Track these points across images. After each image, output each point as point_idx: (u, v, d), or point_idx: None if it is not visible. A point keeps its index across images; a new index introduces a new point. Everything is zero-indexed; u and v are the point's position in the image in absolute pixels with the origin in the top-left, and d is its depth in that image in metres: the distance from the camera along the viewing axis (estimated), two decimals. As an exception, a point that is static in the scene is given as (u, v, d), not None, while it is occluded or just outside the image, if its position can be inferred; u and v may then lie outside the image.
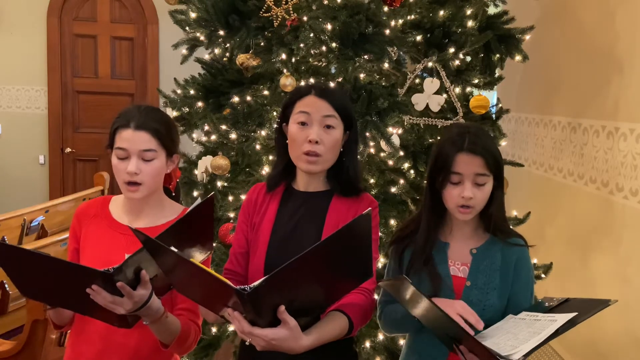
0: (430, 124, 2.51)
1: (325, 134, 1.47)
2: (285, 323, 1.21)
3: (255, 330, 1.20)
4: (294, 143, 1.48)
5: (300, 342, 1.24)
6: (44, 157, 5.62)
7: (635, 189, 2.95)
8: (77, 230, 1.58)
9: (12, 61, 5.49)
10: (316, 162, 1.47)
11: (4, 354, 2.48)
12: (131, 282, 1.30)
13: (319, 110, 1.47)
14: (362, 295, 1.43)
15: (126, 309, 1.30)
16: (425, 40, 2.51)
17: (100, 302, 1.29)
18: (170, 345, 1.47)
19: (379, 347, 2.38)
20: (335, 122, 1.48)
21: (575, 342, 3.39)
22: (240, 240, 1.57)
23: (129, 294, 1.28)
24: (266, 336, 1.20)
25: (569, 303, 1.41)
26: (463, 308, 1.36)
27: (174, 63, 3.24)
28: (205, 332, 2.48)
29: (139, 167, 1.47)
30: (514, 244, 1.54)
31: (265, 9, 2.43)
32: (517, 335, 1.31)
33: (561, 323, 1.29)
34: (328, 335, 1.33)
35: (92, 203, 1.63)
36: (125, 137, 1.47)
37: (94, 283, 1.27)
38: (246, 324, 1.20)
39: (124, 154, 1.47)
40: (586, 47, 3.51)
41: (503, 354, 1.23)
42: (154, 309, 1.36)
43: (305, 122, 1.47)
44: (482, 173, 1.45)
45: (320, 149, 1.46)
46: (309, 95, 1.50)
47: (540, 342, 1.25)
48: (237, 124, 2.55)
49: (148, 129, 1.48)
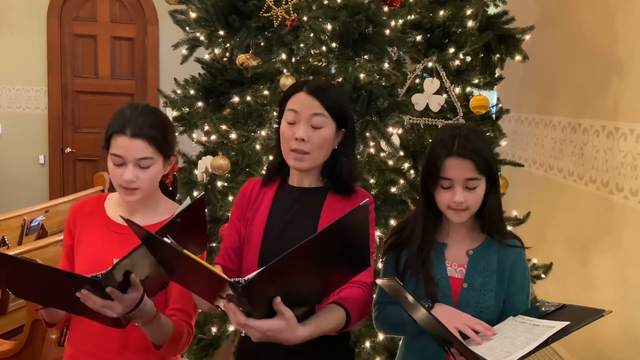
0: (430, 124, 2.51)
1: (313, 132, 1.46)
2: (281, 314, 1.19)
3: (250, 322, 1.18)
4: (283, 141, 1.49)
5: (297, 332, 1.22)
6: (44, 157, 5.62)
7: (635, 189, 2.95)
8: (72, 227, 1.58)
9: (12, 61, 5.49)
10: (303, 159, 1.47)
11: (4, 354, 2.48)
12: (121, 285, 1.29)
13: (307, 108, 1.46)
14: (360, 289, 1.42)
15: (117, 312, 1.29)
16: (425, 40, 2.51)
17: (92, 306, 1.28)
18: (162, 347, 1.46)
19: (379, 347, 2.38)
20: (324, 120, 1.46)
21: (575, 342, 3.39)
22: (233, 236, 1.57)
23: (120, 298, 1.28)
24: (262, 327, 1.18)
25: (565, 310, 1.39)
26: (470, 321, 1.36)
27: (174, 63, 3.24)
28: (205, 332, 2.48)
29: (135, 174, 1.46)
30: (511, 245, 1.53)
31: (265, 9, 2.43)
32: (514, 341, 1.30)
33: (555, 331, 1.28)
34: (325, 326, 1.31)
35: (87, 200, 1.62)
36: (121, 145, 1.45)
37: (83, 288, 1.26)
38: (241, 315, 1.18)
39: (120, 161, 1.46)
40: (586, 47, 3.51)
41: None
42: (147, 311, 1.36)
43: (294, 120, 1.47)
44: (473, 177, 1.44)
45: (306, 146, 1.45)
46: (300, 92, 1.48)
47: (530, 350, 1.23)
48: (237, 124, 2.55)
49: (144, 136, 1.45)
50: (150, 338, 1.45)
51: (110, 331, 1.46)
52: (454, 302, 1.49)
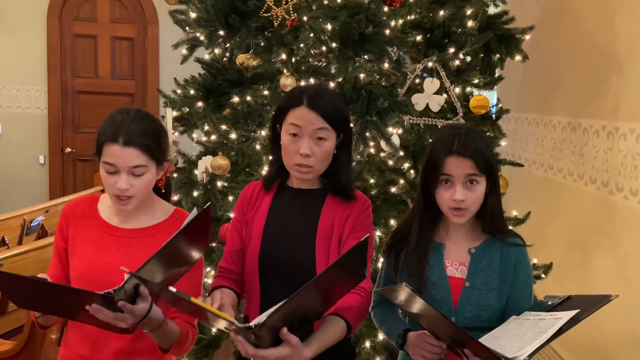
0: (430, 124, 2.51)
1: (317, 146, 1.48)
2: (288, 342, 1.26)
3: (260, 352, 1.25)
4: (287, 154, 1.51)
5: (303, 355, 1.29)
6: (44, 157, 5.62)
7: (635, 189, 2.95)
8: (65, 229, 1.55)
9: (12, 61, 5.48)
10: (308, 172, 1.50)
11: (4, 354, 2.48)
12: (131, 296, 1.30)
13: (311, 123, 1.47)
14: (358, 295, 1.44)
15: (128, 323, 1.31)
16: (425, 40, 2.51)
17: (102, 319, 1.29)
18: (169, 350, 1.48)
19: (379, 347, 2.38)
20: (326, 133, 1.48)
21: (575, 342, 3.39)
22: (235, 238, 1.59)
23: (131, 311, 1.29)
24: (270, 356, 1.25)
25: (571, 300, 1.40)
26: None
27: (174, 63, 3.24)
28: (205, 332, 2.48)
29: (129, 182, 1.43)
30: (513, 243, 1.53)
31: (265, 9, 2.43)
32: (523, 336, 1.30)
33: (565, 320, 1.29)
34: (328, 342, 1.37)
35: (79, 202, 1.59)
36: (114, 153, 1.42)
37: (94, 303, 1.27)
38: (250, 347, 1.25)
39: (112, 169, 1.44)
40: (586, 47, 3.51)
41: (509, 356, 1.22)
42: (155, 318, 1.37)
43: (296, 134, 1.48)
44: (473, 174, 1.44)
45: (311, 161, 1.48)
46: (301, 106, 1.48)
47: (544, 342, 1.24)
48: (237, 124, 2.55)
49: (136, 144, 1.43)
50: (158, 343, 1.46)
51: (107, 336, 1.46)
52: (454, 302, 1.48)
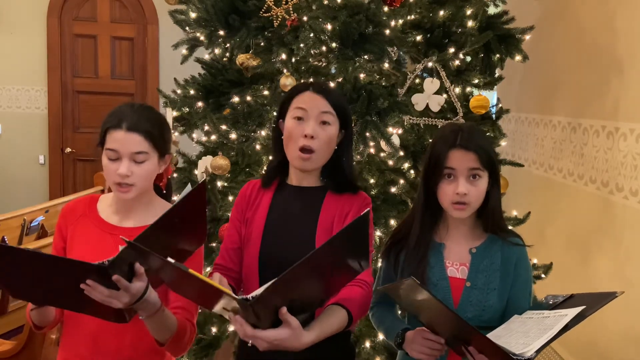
0: (430, 124, 2.51)
1: (321, 129, 1.49)
2: (288, 323, 1.21)
3: (258, 333, 1.20)
4: (290, 137, 1.50)
5: (302, 339, 1.25)
6: (44, 157, 5.62)
7: (635, 189, 2.95)
8: (64, 229, 1.55)
9: (12, 61, 5.48)
10: (310, 158, 1.49)
11: (4, 354, 2.48)
12: (126, 275, 1.27)
13: (316, 106, 1.49)
14: (360, 288, 1.44)
15: (123, 302, 1.27)
16: (425, 40, 2.51)
17: (97, 297, 1.26)
18: (166, 344, 1.44)
19: (379, 347, 2.38)
20: (331, 118, 1.50)
21: (575, 342, 3.38)
22: (233, 236, 1.58)
23: (126, 287, 1.25)
24: (269, 337, 1.21)
25: (574, 299, 1.40)
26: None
27: (174, 63, 3.24)
28: (205, 332, 2.48)
29: (130, 169, 1.44)
30: (514, 243, 1.52)
31: (265, 9, 2.43)
32: (528, 334, 1.30)
33: (571, 317, 1.28)
34: (329, 329, 1.34)
35: (78, 202, 1.59)
36: (117, 138, 1.44)
37: (88, 278, 1.24)
38: (249, 327, 1.20)
39: (114, 155, 1.45)
40: (586, 47, 3.51)
41: (516, 352, 1.22)
42: (152, 301, 1.33)
43: (301, 117, 1.49)
44: (476, 167, 1.44)
45: (315, 144, 1.48)
46: (306, 91, 1.52)
47: (551, 338, 1.24)
48: (237, 124, 2.55)
49: (140, 130, 1.45)
50: (154, 333, 1.42)
51: (105, 335, 1.45)
52: (455, 302, 1.48)
